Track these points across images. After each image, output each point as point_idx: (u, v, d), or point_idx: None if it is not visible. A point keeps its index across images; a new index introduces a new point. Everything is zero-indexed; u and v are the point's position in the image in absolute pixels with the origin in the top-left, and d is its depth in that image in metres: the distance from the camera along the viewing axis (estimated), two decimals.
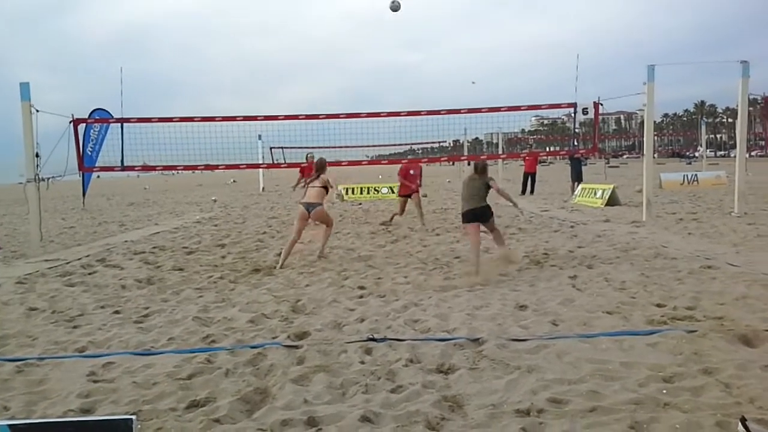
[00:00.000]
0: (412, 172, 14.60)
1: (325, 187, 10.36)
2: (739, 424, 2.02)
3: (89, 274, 9.40)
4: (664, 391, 4.02)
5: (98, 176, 39.05)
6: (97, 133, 22.42)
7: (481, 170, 9.32)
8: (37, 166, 13.14)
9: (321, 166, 10.54)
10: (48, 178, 14.21)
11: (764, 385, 4.01)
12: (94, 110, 22.35)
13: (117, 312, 6.85)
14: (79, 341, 5.70)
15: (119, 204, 29.63)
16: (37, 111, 13.02)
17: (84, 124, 16.85)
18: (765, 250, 9.44)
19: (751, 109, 19.41)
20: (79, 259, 10.85)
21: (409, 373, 4.56)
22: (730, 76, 14.45)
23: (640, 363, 4.55)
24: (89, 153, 21.56)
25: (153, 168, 16.50)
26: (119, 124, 14.56)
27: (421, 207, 14.59)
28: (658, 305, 6.29)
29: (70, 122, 14.04)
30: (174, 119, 14.54)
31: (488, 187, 9.14)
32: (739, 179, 14.62)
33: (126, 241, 13.38)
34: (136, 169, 15.89)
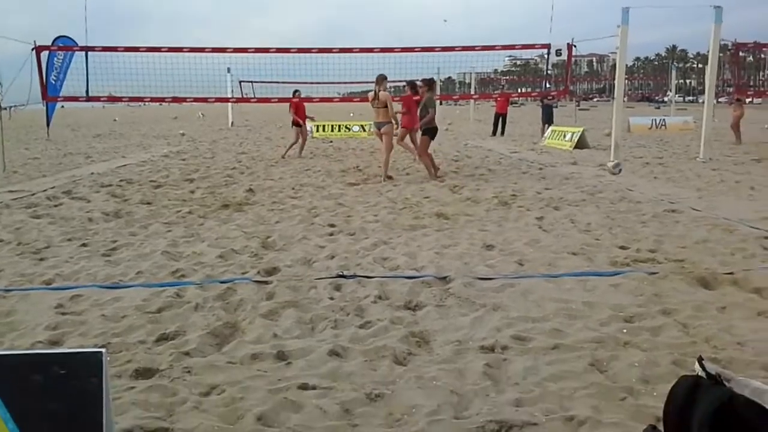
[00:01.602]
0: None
1: (386, 106, 11.34)
2: (696, 363, 2.10)
3: (55, 206, 9.26)
4: (625, 331, 4.15)
5: (62, 106, 38.02)
6: (60, 61, 21.64)
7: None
8: None
9: (379, 80, 11.46)
10: (10, 107, 13.87)
11: (720, 326, 4.17)
12: (58, 37, 21.60)
13: (84, 245, 6.78)
14: (46, 273, 5.65)
15: (85, 135, 28.97)
16: None
17: (47, 52, 16.34)
18: (727, 195, 9.66)
19: (721, 55, 19.46)
20: (45, 190, 10.65)
21: (378, 309, 4.64)
22: (703, 21, 14.40)
23: (602, 303, 4.68)
24: (53, 82, 20.87)
25: (119, 99, 16.12)
26: (84, 53, 14.16)
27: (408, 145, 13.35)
28: (622, 247, 6.42)
29: (33, 49, 13.60)
30: (141, 49, 14.20)
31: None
32: (706, 125, 14.80)
33: (92, 174, 13.16)
34: (102, 99, 15.53)
